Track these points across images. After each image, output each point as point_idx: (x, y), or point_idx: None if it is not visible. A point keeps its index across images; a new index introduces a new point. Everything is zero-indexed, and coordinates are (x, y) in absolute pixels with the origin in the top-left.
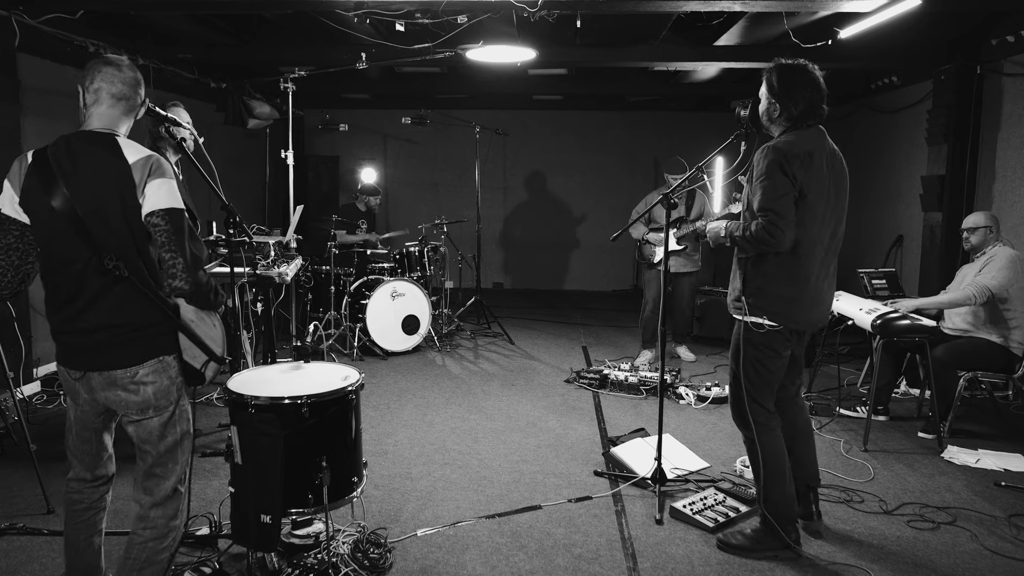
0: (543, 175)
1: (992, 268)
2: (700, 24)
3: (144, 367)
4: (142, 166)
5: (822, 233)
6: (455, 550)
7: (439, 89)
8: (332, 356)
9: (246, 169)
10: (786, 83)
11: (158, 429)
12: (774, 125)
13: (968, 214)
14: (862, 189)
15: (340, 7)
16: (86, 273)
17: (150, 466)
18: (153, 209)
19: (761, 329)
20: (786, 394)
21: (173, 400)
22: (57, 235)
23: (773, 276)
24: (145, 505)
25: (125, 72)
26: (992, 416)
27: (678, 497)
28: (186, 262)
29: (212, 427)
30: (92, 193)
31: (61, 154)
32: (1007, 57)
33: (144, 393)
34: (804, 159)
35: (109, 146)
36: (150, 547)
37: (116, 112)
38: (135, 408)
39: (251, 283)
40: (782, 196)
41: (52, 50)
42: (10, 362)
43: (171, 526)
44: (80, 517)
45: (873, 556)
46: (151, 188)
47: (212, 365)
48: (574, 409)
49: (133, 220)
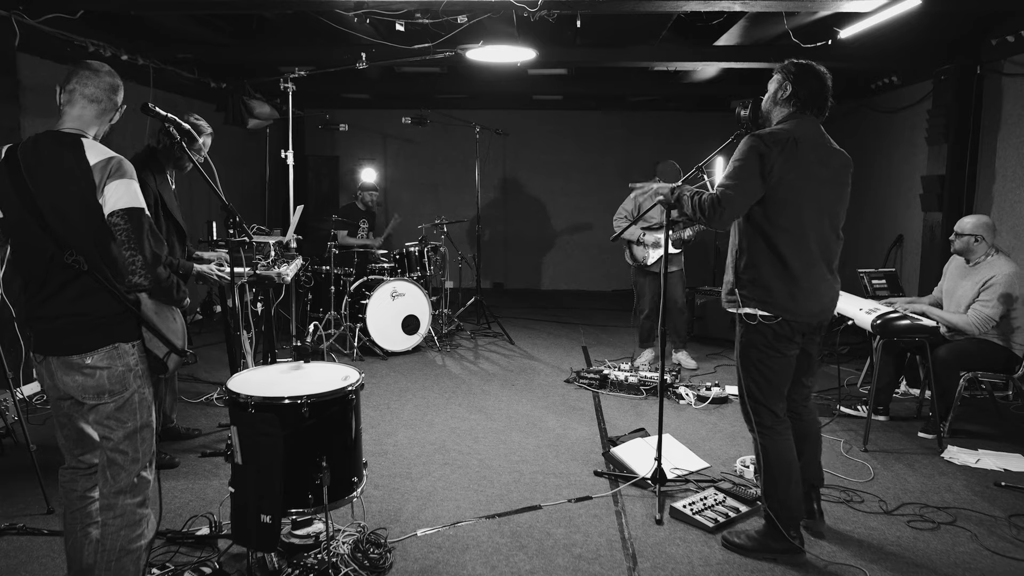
0: (543, 175)
1: (992, 295)
2: (700, 24)
3: (98, 353)
4: (102, 168)
5: (814, 221)
6: (455, 550)
7: (439, 89)
8: (332, 356)
9: (246, 169)
10: (801, 68)
11: (114, 414)
12: (776, 109)
13: (968, 214)
14: (862, 189)
15: (340, 7)
16: (51, 265)
17: (110, 452)
18: (113, 209)
19: (754, 320)
20: (800, 395)
21: (130, 387)
22: (25, 228)
23: (763, 266)
24: (107, 494)
25: (102, 77)
26: (992, 416)
27: (678, 497)
28: (145, 259)
29: (212, 427)
30: (53, 191)
31: (29, 152)
32: (1007, 57)
33: (99, 377)
34: (788, 144)
35: (72, 147)
36: (122, 535)
37: (88, 114)
38: (91, 392)
39: (251, 283)
40: (745, 179)
41: (52, 50)
42: (10, 362)
43: (140, 513)
44: (75, 506)
45: (873, 556)
46: (110, 189)
47: (173, 357)
48: (574, 409)
49: (93, 219)
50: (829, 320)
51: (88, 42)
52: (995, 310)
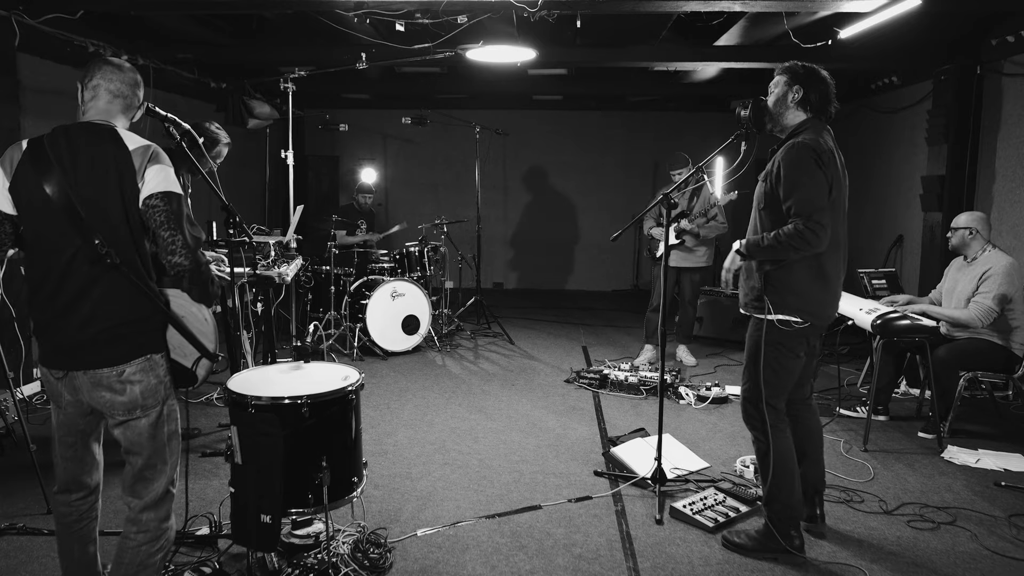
0: (543, 175)
1: (991, 285)
2: (700, 24)
3: (132, 365)
4: (142, 153)
5: (842, 226)
6: (455, 550)
7: (439, 89)
8: (332, 356)
9: (246, 169)
10: (809, 71)
11: (147, 430)
12: (788, 113)
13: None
14: (862, 189)
15: (340, 7)
16: (74, 264)
17: (139, 469)
18: (153, 191)
19: (789, 327)
20: (800, 395)
21: (160, 399)
22: (47, 224)
23: (799, 274)
24: (135, 508)
25: (126, 72)
26: (992, 416)
27: (678, 497)
28: (185, 240)
29: (212, 427)
30: (91, 182)
31: (59, 143)
32: (1007, 57)
33: (131, 393)
34: (829, 155)
35: (109, 135)
36: (143, 551)
37: (114, 108)
38: (122, 409)
39: (251, 283)
40: (821, 193)
41: (52, 50)
42: (10, 362)
43: (163, 528)
44: (71, 529)
45: (873, 556)
46: (151, 173)
47: (204, 363)
48: (574, 409)
49: (131, 210)
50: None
51: (88, 42)
52: (996, 301)
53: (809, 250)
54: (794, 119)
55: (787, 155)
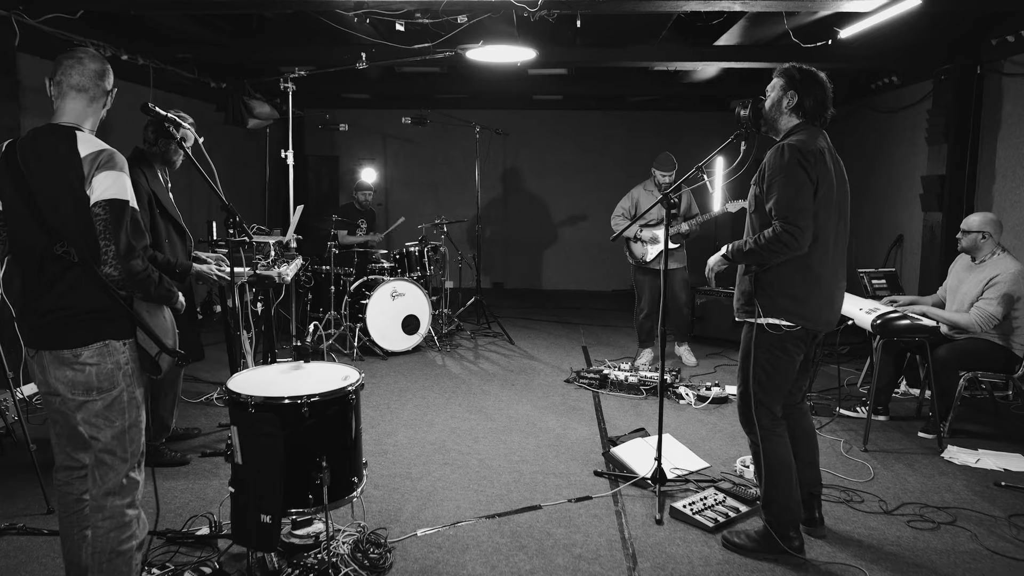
0: (543, 175)
1: (997, 292)
2: (700, 24)
3: (89, 349)
4: (92, 159)
5: (833, 231)
6: (455, 550)
7: (439, 89)
8: (332, 356)
9: (246, 169)
10: (805, 76)
11: (102, 412)
12: (782, 118)
13: (968, 214)
14: (862, 189)
15: (340, 7)
16: (44, 259)
17: (98, 452)
18: (97, 200)
19: (778, 331)
20: (793, 399)
21: (118, 385)
22: (21, 222)
23: (787, 276)
24: (96, 495)
25: (85, 64)
26: (992, 416)
27: (678, 497)
28: (118, 250)
29: (212, 427)
30: (48, 182)
31: (27, 145)
32: (1007, 57)
33: (88, 373)
34: (818, 155)
35: (66, 140)
36: (112, 537)
37: (79, 104)
38: (80, 388)
39: (251, 283)
40: (801, 194)
41: (52, 50)
42: (10, 362)
43: (129, 515)
44: (71, 509)
45: (873, 556)
46: (98, 180)
47: (165, 357)
48: (574, 409)
49: (82, 210)
50: (835, 324)
51: (88, 42)
52: (998, 308)
53: (788, 252)
54: (787, 124)
55: (771, 157)
